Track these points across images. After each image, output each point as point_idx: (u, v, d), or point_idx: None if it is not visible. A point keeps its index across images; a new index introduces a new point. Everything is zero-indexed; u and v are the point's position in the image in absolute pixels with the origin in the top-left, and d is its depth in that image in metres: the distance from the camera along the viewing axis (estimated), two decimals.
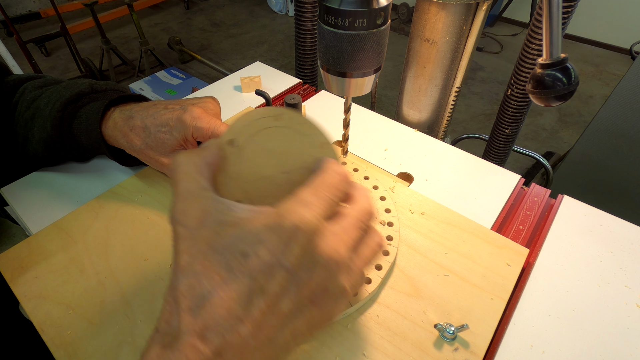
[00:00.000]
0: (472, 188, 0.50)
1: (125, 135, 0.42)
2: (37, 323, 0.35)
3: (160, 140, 0.41)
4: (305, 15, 0.80)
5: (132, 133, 0.42)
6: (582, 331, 0.35)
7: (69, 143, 0.46)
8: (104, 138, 0.44)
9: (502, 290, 0.37)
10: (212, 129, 0.39)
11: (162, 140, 0.41)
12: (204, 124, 0.39)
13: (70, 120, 0.45)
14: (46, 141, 0.45)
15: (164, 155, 0.42)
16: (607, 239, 0.44)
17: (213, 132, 0.39)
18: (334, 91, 0.37)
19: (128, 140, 0.42)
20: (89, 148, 0.46)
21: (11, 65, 1.39)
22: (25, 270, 0.39)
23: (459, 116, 2.20)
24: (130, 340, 0.33)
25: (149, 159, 0.43)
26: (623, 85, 1.10)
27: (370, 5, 0.30)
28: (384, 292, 0.37)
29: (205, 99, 0.43)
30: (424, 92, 0.76)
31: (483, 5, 0.63)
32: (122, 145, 0.43)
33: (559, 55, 0.39)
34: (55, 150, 0.46)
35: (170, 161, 0.42)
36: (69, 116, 0.45)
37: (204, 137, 0.40)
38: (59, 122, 0.44)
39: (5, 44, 1.36)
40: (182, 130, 0.40)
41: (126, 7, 2.37)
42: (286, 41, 3.07)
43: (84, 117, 0.44)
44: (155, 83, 2.24)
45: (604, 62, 2.68)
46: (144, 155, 0.43)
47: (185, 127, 0.40)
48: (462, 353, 0.33)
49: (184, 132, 0.40)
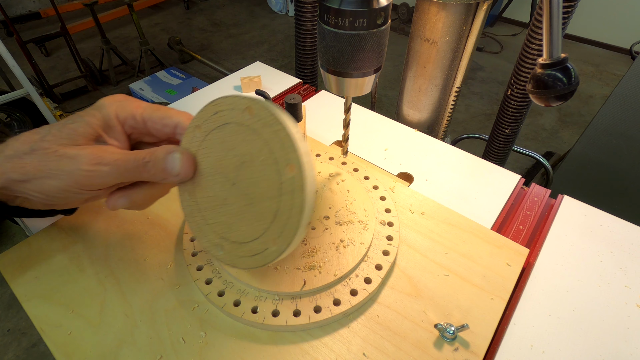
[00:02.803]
0: (472, 188, 0.50)
1: (14, 165, 0.29)
2: (37, 323, 0.35)
3: (68, 130, 0.30)
4: (305, 15, 0.79)
5: (21, 159, 0.30)
6: (582, 331, 0.35)
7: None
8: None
9: (502, 290, 0.37)
10: (144, 106, 0.33)
11: (70, 130, 0.30)
12: (131, 101, 0.33)
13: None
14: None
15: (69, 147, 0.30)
16: (607, 239, 0.44)
17: (147, 109, 0.33)
18: (334, 91, 0.37)
19: (18, 169, 0.29)
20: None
21: (11, 66, 1.38)
22: (25, 270, 0.39)
23: (459, 116, 2.19)
24: (130, 340, 0.33)
25: (51, 161, 0.29)
26: (623, 85, 1.10)
27: (370, 5, 0.30)
28: (384, 292, 0.37)
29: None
30: (424, 92, 0.76)
31: (483, 5, 0.63)
32: (3, 187, 0.30)
33: (559, 55, 0.39)
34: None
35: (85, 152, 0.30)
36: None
37: (134, 118, 0.33)
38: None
39: (5, 44, 1.35)
40: (99, 111, 0.31)
41: (126, 7, 2.37)
42: (286, 41, 3.06)
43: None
44: (155, 83, 2.24)
45: (604, 62, 2.68)
46: (45, 160, 0.29)
47: (103, 107, 0.32)
48: (462, 353, 0.33)
49: (103, 113, 0.31)
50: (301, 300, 0.35)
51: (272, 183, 0.27)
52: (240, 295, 0.35)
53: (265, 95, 0.51)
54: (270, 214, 0.28)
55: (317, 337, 0.34)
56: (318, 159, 0.50)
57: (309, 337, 0.34)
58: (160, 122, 0.33)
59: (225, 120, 0.29)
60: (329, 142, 0.57)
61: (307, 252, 0.38)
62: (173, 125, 0.33)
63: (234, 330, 0.34)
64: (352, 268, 0.37)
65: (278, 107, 0.27)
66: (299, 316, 0.33)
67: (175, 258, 0.39)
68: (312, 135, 0.58)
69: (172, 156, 0.30)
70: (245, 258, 0.30)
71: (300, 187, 0.26)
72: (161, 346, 0.33)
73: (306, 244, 0.38)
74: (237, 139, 0.28)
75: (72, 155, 0.29)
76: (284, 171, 0.26)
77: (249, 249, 0.30)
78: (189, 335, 0.33)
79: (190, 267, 0.37)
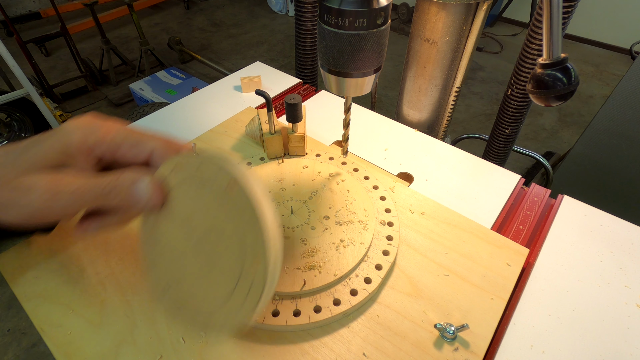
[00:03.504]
0: (472, 188, 0.50)
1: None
2: (37, 323, 0.35)
3: (28, 157, 0.28)
4: (305, 15, 0.79)
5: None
6: (582, 331, 0.35)
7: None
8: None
9: (502, 290, 0.37)
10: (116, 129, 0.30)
11: (30, 157, 0.28)
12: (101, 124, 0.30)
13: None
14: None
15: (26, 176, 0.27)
16: (607, 239, 0.44)
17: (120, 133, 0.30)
18: (333, 91, 0.37)
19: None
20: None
21: (11, 66, 1.38)
22: (25, 270, 0.39)
23: (459, 116, 2.19)
24: (130, 340, 0.33)
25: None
26: (623, 85, 1.10)
27: (370, 5, 0.30)
28: (384, 292, 0.37)
29: None
30: (424, 92, 0.76)
31: (483, 5, 0.63)
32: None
33: (559, 55, 0.39)
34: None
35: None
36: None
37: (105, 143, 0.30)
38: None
39: (5, 44, 1.35)
40: (61, 138, 0.29)
41: (126, 7, 2.37)
42: (286, 41, 3.07)
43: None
44: (155, 83, 2.24)
45: (604, 62, 2.68)
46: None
47: (67, 133, 0.29)
48: (462, 353, 0.33)
49: (64, 141, 0.29)
50: (301, 300, 0.35)
51: (233, 267, 0.26)
52: None
53: (265, 96, 0.51)
54: (222, 295, 0.27)
55: (317, 337, 0.34)
56: (318, 159, 0.50)
57: (309, 337, 0.34)
58: (134, 149, 0.31)
59: (207, 178, 0.27)
60: (329, 142, 0.57)
61: (307, 252, 0.38)
62: (148, 151, 0.31)
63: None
64: (352, 268, 0.37)
65: (259, 193, 0.26)
66: (299, 316, 0.33)
67: None
68: (312, 135, 0.58)
69: (139, 182, 0.28)
70: (185, 314, 0.29)
71: (257, 289, 0.25)
72: (161, 346, 0.33)
73: (306, 244, 0.38)
74: (212, 204, 0.27)
75: (27, 187, 0.27)
76: (249, 263, 0.25)
77: (193, 310, 0.28)
78: (189, 335, 0.33)
79: None
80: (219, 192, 0.26)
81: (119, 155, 0.31)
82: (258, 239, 0.25)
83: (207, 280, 0.28)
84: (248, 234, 0.25)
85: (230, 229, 0.26)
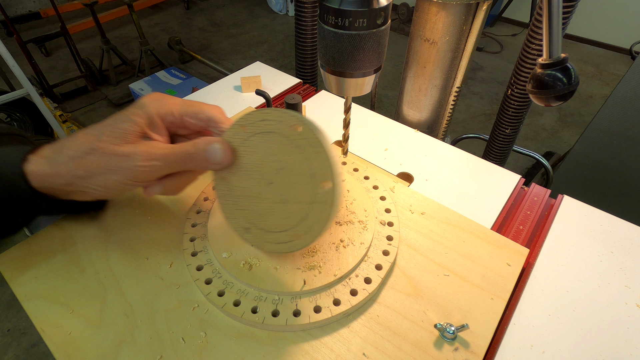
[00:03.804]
0: (472, 188, 0.50)
1: (78, 164, 0.33)
2: (37, 323, 0.35)
3: (119, 130, 0.33)
4: (305, 15, 0.79)
5: (82, 159, 0.33)
6: (582, 331, 0.35)
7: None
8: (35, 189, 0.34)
9: (502, 290, 0.37)
10: (179, 102, 0.36)
11: (121, 130, 0.33)
12: (168, 99, 0.36)
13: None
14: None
15: (123, 145, 0.33)
16: (607, 239, 0.44)
17: (182, 105, 0.36)
18: (333, 91, 0.37)
19: (82, 167, 0.33)
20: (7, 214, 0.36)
21: (11, 65, 1.38)
22: (25, 270, 0.39)
23: (459, 116, 2.19)
24: (130, 340, 0.33)
25: (104, 159, 0.33)
26: (623, 85, 1.10)
27: (370, 5, 0.30)
28: (384, 292, 0.37)
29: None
30: (424, 92, 0.76)
31: (483, 5, 0.63)
32: (67, 184, 0.34)
33: (559, 55, 0.39)
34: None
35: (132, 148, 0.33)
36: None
37: (172, 114, 0.36)
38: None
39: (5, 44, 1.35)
40: (142, 110, 0.34)
41: (126, 7, 2.37)
42: (286, 41, 3.07)
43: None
44: (155, 83, 2.24)
45: (604, 62, 2.68)
46: (98, 161, 0.33)
47: (145, 106, 0.35)
48: (462, 353, 0.33)
49: (146, 111, 0.34)
50: (301, 300, 0.35)
51: (307, 191, 0.32)
52: (240, 295, 0.35)
53: (265, 96, 0.51)
54: (299, 215, 0.33)
55: (317, 337, 0.34)
56: None
57: (309, 337, 0.34)
58: (195, 117, 0.36)
59: (271, 129, 0.32)
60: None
61: (307, 252, 0.38)
62: (206, 119, 0.36)
63: (234, 330, 0.34)
64: (352, 268, 0.37)
65: (321, 130, 0.31)
66: (299, 316, 0.34)
67: (175, 258, 0.39)
68: None
69: (213, 146, 0.33)
70: (270, 244, 0.35)
71: (331, 200, 0.31)
72: (161, 346, 0.33)
73: None
74: (279, 148, 0.32)
75: (127, 154, 0.33)
76: (320, 185, 0.31)
77: (276, 237, 0.34)
78: (189, 335, 0.33)
79: (190, 267, 0.37)
80: (284, 135, 0.32)
81: (182, 122, 0.37)
82: (324, 164, 0.30)
83: (284, 208, 0.33)
84: (314, 163, 0.31)
85: (298, 163, 0.32)
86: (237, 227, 0.36)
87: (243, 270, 0.36)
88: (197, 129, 0.38)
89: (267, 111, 0.32)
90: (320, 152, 0.30)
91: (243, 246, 0.38)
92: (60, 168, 0.34)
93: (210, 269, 0.37)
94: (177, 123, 0.37)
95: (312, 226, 0.32)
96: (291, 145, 0.32)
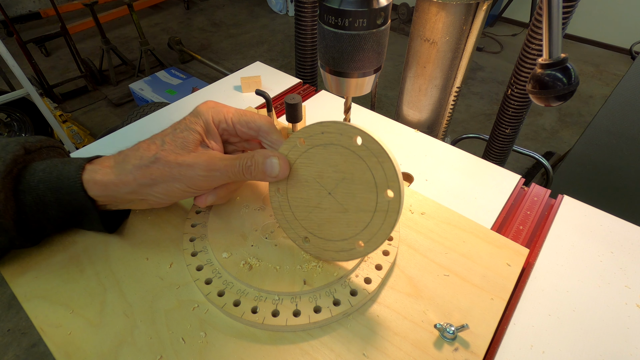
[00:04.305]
0: (472, 188, 0.50)
1: (143, 173, 0.34)
2: (37, 323, 0.35)
3: (180, 139, 0.36)
4: (305, 15, 0.79)
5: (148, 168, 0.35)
6: (582, 331, 0.35)
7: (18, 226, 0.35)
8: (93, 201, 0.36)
9: (502, 290, 0.37)
10: (233, 111, 0.38)
11: (182, 139, 0.36)
12: (222, 107, 0.38)
13: (15, 197, 0.34)
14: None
15: (185, 155, 0.35)
16: (607, 239, 0.44)
17: (235, 114, 0.38)
18: (333, 91, 0.37)
19: (148, 176, 0.35)
20: (57, 222, 0.37)
21: (11, 66, 1.38)
22: (25, 270, 0.39)
23: (459, 116, 2.20)
24: (130, 340, 0.33)
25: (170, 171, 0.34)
26: (623, 85, 1.10)
27: (370, 5, 0.30)
28: (384, 292, 0.37)
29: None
30: (424, 92, 0.76)
31: (483, 5, 0.63)
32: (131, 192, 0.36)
33: (559, 55, 0.39)
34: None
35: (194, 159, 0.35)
36: (12, 191, 0.34)
37: (226, 121, 0.38)
38: (3, 204, 0.33)
39: (5, 44, 1.35)
40: (200, 118, 0.37)
41: (126, 7, 2.37)
42: (286, 41, 3.07)
43: (41, 186, 0.35)
44: (155, 83, 2.24)
45: (604, 62, 2.68)
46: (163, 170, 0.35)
47: (202, 113, 0.37)
48: (462, 353, 0.33)
49: (203, 119, 0.37)
50: (301, 300, 0.35)
51: (369, 200, 0.32)
52: (240, 295, 0.35)
53: (265, 96, 0.51)
54: (362, 224, 0.33)
55: (317, 337, 0.34)
56: None
57: (309, 337, 0.34)
58: (246, 125, 0.38)
59: (330, 141, 0.33)
60: None
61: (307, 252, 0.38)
62: (257, 128, 0.38)
63: (234, 330, 0.34)
64: (352, 268, 0.37)
65: (383, 141, 0.32)
66: (298, 316, 0.33)
67: (175, 258, 0.39)
68: None
69: (270, 161, 0.34)
70: (330, 252, 0.36)
71: (395, 209, 0.31)
72: (161, 346, 0.33)
73: None
74: (340, 159, 0.33)
75: (190, 164, 0.34)
76: (382, 194, 0.31)
77: (336, 246, 0.35)
78: (189, 335, 0.33)
79: (190, 267, 0.37)
80: (344, 147, 0.32)
81: (234, 130, 0.38)
82: (388, 173, 0.31)
83: (346, 217, 0.34)
84: (377, 172, 0.31)
85: (360, 173, 0.32)
86: (295, 237, 0.37)
87: (243, 270, 0.36)
88: (247, 137, 0.39)
89: (327, 124, 0.33)
90: (383, 162, 0.31)
91: (243, 246, 0.38)
92: (127, 177, 0.35)
93: (210, 269, 0.37)
94: (230, 130, 0.39)
95: (374, 234, 0.33)
96: (352, 156, 0.32)
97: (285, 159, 0.35)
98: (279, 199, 0.37)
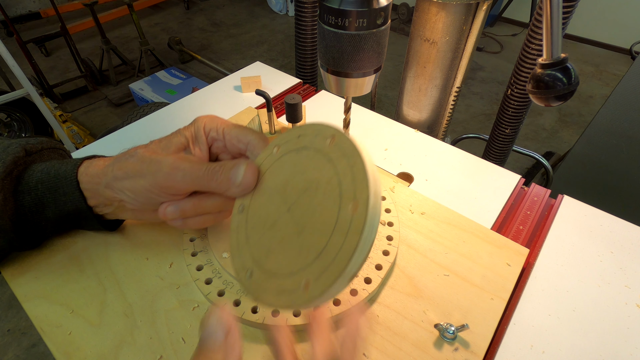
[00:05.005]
0: (472, 188, 0.50)
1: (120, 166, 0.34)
2: (37, 323, 0.35)
3: (165, 141, 0.36)
4: (305, 15, 0.79)
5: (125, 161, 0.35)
6: (582, 331, 0.35)
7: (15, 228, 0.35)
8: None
9: (502, 290, 0.37)
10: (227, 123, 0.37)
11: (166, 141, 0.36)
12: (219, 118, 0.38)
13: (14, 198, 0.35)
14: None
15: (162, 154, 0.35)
16: (607, 239, 0.44)
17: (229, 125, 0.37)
18: (333, 91, 0.37)
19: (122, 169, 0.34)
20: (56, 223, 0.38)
21: (11, 66, 1.38)
22: (25, 270, 0.39)
23: (459, 116, 2.19)
24: (130, 340, 0.33)
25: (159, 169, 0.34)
26: (623, 85, 1.10)
27: (370, 5, 0.30)
28: (384, 292, 0.37)
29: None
30: (424, 92, 0.76)
31: (483, 5, 0.63)
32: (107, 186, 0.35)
33: (559, 55, 0.39)
34: None
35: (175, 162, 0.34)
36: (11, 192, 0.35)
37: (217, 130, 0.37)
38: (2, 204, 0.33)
39: (5, 44, 1.35)
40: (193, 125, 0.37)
41: (126, 7, 2.37)
42: (286, 41, 3.06)
43: (40, 187, 0.35)
44: (155, 83, 2.24)
45: (604, 62, 2.68)
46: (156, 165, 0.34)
47: (197, 121, 0.37)
48: (462, 353, 0.33)
49: (195, 126, 0.37)
50: None
51: (328, 217, 0.25)
52: (240, 295, 0.35)
53: (265, 96, 0.51)
54: (314, 250, 0.25)
55: None
56: None
57: None
58: (236, 138, 0.36)
59: (304, 144, 0.29)
60: None
61: None
62: (246, 142, 0.36)
63: None
64: None
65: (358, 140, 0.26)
66: (299, 316, 0.34)
67: (175, 258, 0.39)
68: None
69: (237, 167, 0.32)
70: (269, 293, 0.26)
71: (356, 229, 0.23)
72: (161, 346, 0.33)
73: None
74: (309, 164, 0.28)
75: (158, 160, 0.33)
76: (345, 208, 0.24)
77: (278, 284, 0.26)
78: (189, 335, 0.33)
79: (190, 267, 0.37)
80: (317, 150, 0.28)
81: (224, 142, 0.37)
82: (357, 179, 0.24)
83: (299, 241, 0.26)
84: (345, 179, 0.25)
85: (325, 180, 0.26)
86: (239, 269, 0.30)
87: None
88: (236, 151, 0.37)
89: (305, 126, 0.29)
90: (354, 165, 0.25)
91: None
92: (107, 169, 0.35)
93: (210, 269, 0.37)
94: (219, 141, 0.37)
95: (326, 268, 0.23)
96: (322, 160, 0.27)
97: (253, 167, 0.32)
98: (238, 219, 0.32)
